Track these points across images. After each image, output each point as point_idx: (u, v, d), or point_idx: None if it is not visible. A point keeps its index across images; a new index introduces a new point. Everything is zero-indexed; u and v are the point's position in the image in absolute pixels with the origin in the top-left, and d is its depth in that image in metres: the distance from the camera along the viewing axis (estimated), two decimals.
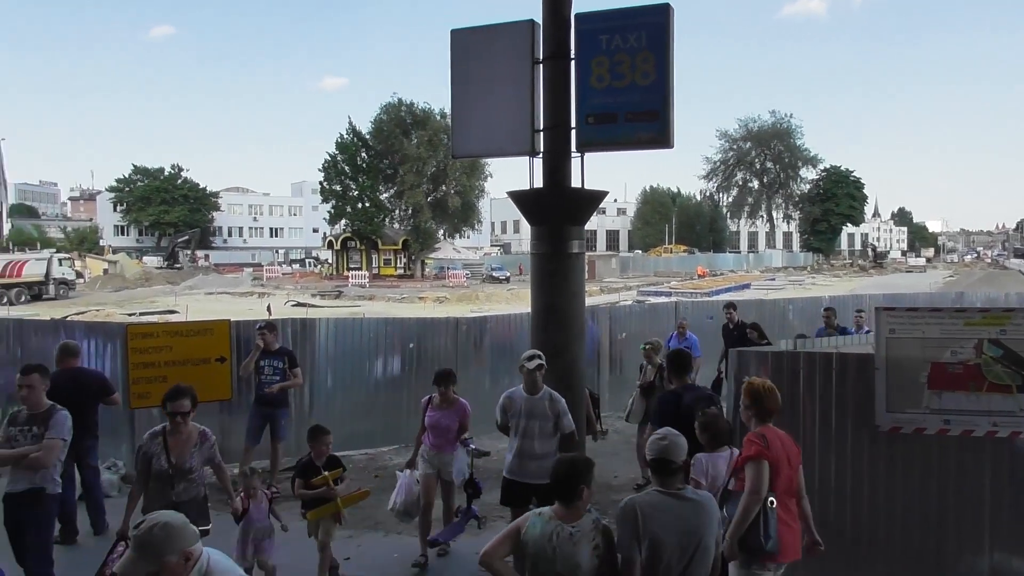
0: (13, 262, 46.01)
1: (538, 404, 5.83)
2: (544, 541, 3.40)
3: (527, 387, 5.86)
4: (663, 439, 3.62)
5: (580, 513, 3.47)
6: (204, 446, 5.39)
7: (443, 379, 6.62)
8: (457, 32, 6.09)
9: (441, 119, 62.03)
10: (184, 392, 5.20)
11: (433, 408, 6.66)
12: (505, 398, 6.01)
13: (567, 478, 3.50)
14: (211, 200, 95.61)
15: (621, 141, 5.72)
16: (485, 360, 11.37)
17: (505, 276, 62.46)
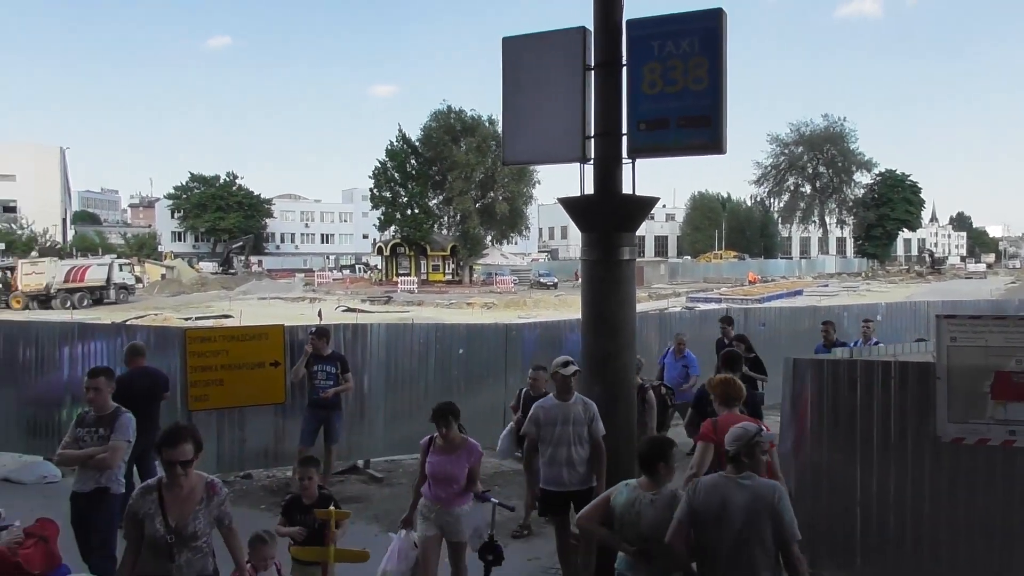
0: (77, 267, 47.58)
1: (572, 410, 5.70)
2: (628, 506, 4.16)
3: (560, 393, 5.75)
4: (746, 432, 3.98)
5: (660, 484, 4.17)
6: (212, 502, 4.16)
7: (442, 416, 5.42)
8: (509, 40, 6.12)
9: (490, 126, 62.43)
10: (184, 434, 4.07)
11: (435, 451, 5.50)
12: (538, 409, 5.81)
13: (649, 455, 4.23)
14: (264, 207, 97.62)
15: (673, 147, 5.68)
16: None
17: (553, 282, 62.39)
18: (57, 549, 4.83)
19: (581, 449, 5.68)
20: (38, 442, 9.91)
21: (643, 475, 4.24)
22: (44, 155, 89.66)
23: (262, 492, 9.11)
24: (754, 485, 3.84)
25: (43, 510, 5.33)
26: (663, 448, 4.28)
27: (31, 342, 10.23)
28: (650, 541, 4.03)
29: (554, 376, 5.81)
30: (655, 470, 4.17)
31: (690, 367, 10.86)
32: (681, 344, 11.04)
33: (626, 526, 4.15)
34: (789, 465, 6.10)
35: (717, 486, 3.90)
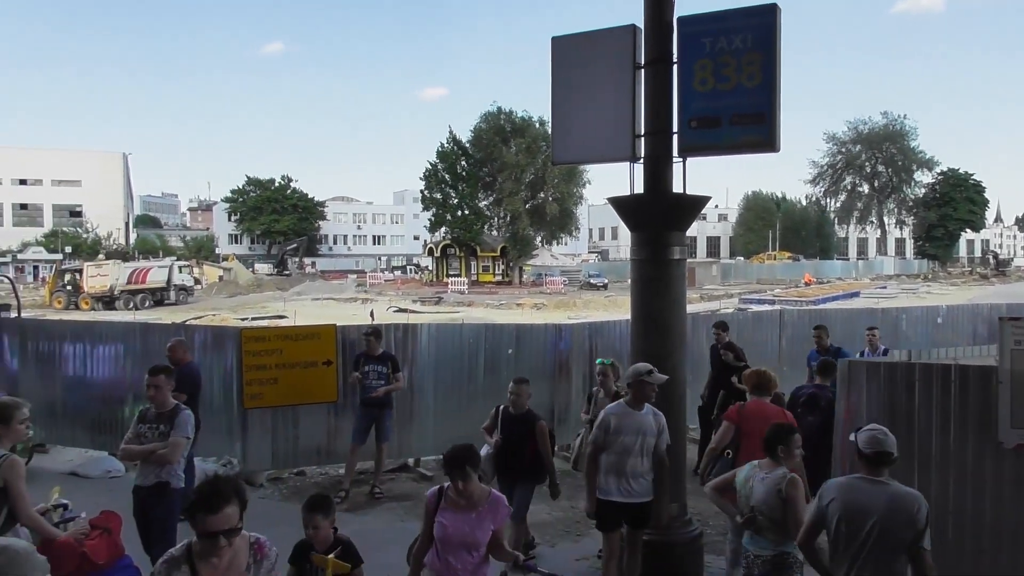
0: (138, 269, 49.03)
1: (645, 419, 5.46)
2: (744, 482, 4.72)
3: (637, 402, 5.45)
4: (883, 434, 3.99)
5: (776, 466, 4.60)
6: (261, 569, 3.37)
7: (457, 466, 4.15)
8: (558, 39, 6.11)
9: (540, 126, 62.46)
10: (226, 494, 3.18)
11: (448, 508, 4.24)
12: (610, 416, 5.48)
13: (773, 438, 4.68)
14: (318, 209, 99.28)
15: (725, 145, 5.60)
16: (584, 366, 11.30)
17: (603, 283, 62.08)
18: (120, 540, 4.98)
19: (646, 461, 5.47)
20: (103, 438, 10.24)
21: (767, 456, 4.69)
22: (108, 161, 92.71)
23: (315, 489, 9.25)
24: (893, 490, 3.87)
25: (107, 503, 5.48)
26: (786, 434, 4.72)
27: (96, 342, 10.58)
28: (755, 512, 4.57)
29: (639, 384, 5.42)
30: (775, 452, 4.62)
31: None
32: None
33: (741, 498, 4.72)
34: (843, 468, 5.98)
35: (853, 487, 3.96)
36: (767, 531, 4.53)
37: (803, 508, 4.35)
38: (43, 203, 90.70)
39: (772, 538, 4.52)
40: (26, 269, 75.64)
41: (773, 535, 4.51)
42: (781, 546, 4.50)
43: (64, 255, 71.78)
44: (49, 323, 13.39)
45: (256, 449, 9.53)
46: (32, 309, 36.87)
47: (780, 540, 4.50)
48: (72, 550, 4.55)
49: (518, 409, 6.49)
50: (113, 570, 4.78)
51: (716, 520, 7.99)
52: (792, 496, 4.43)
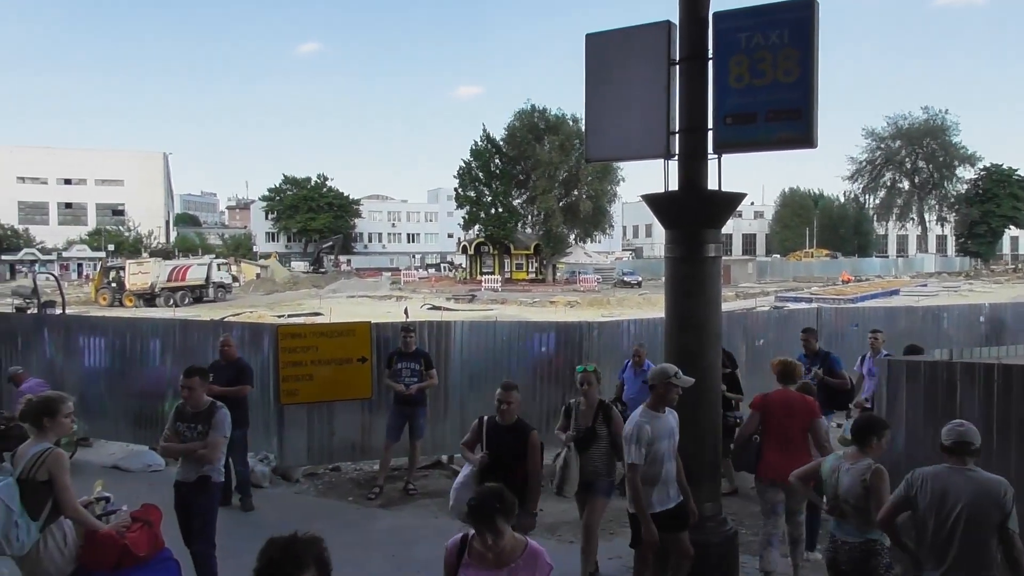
0: (178, 267, 49.95)
1: (669, 421, 5.31)
2: (830, 472, 4.78)
3: (661, 404, 5.27)
4: (961, 426, 4.17)
5: (862, 456, 4.64)
6: None
7: (485, 517, 3.49)
8: (592, 36, 6.09)
9: (573, 124, 62.24)
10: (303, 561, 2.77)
11: (472, 562, 3.66)
12: (644, 425, 5.19)
13: (866, 428, 4.72)
14: (353, 207, 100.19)
15: (761, 142, 5.53)
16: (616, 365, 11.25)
17: (637, 280, 61.78)
18: (160, 533, 5.08)
19: (674, 463, 5.37)
20: (143, 432, 10.45)
21: (855, 446, 4.72)
22: (149, 161, 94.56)
23: (350, 484, 9.36)
24: (980, 478, 4.04)
25: (148, 496, 5.60)
26: (880, 427, 4.75)
27: (137, 338, 10.81)
28: (841, 501, 4.65)
29: (666, 386, 5.21)
30: (867, 443, 4.65)
31: None
32: (640, 355, 9.42)
33: (827, 487, 4.80)
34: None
35: (939, 476, 4.11)
36: (853, 519, 4.63)
37: (887, 498, 4.41)
38: (87, 202, 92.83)
39: (859, 525, 4.61)
40: (70, 267, 77.46)
41: (859, 522, 4.61)
42: (868, 533, 4.59)
43: (107, 253, 73.34)
44: (92, 319, 13.66)
45: (292, 445, 9.65)
46: (77, 306, 37.71)
47: (866, 527, 4.58)
48: (114, 542, 4.65)
49: (507, 420, 5.58)
50: (154, 562, 4.87)
51: (752, 521, 7.92)
52: (876, 486, 4.50)
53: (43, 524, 4.48)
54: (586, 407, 6.17)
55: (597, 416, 6.11)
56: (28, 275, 50.53)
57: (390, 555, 6.90)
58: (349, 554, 7.02)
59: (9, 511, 4.35)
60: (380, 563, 6.85)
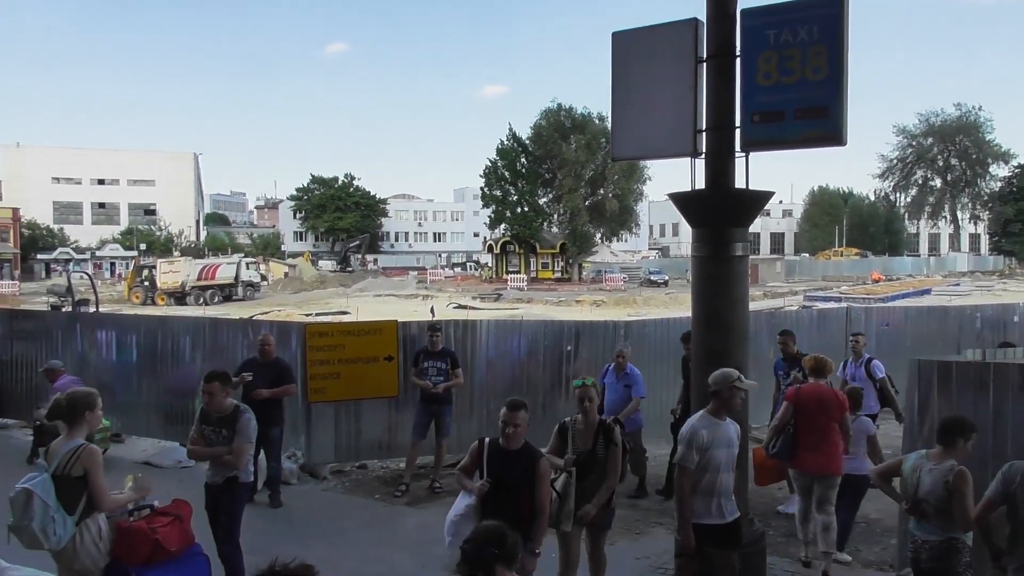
0: (208, 266, 50.61)
1: (729, 430, 5.09)
2: (912, 471, 4.74)
3: (724, 411, 5.06)
4: None
5: (945, 458, 4.58)
6: None
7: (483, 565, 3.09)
8: (618, 34, 6.07)
9: (599, 123, 62.07)
10: None
11: None
12: (701, 431, 4.99)
13: (953, 427, 4.65)
14: (380, 207, 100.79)
15: (789, 139, 5.48)
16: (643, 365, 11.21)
17: (663, 280, 61.45)
18: (191, 528, 5.15)
19: (733, 475, 5.12)
20: (174, 429, 10.59)
21: (940, 446, 4.67)
22: (180, 161, 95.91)
23: (376, 482, 9.42)
24: None
25: (178, 492, 5.66)
26: (967, 429, 4.65)
27: (168, 336, 10.96)
28: (921, 502, 4.63)
29: (730, 391, 5.02)
30: (953, 444, 4.60)
31: (633, 387, 8.84)
32: (622, 359, 9.05)
33: (907, 486, 4.76)
34: None
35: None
36: (934, 519, 4.61)
37: (970, 501, 4.43)
38: (120, 202, 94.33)
39: (939, 524, 4.59)
40: (104, 266, 78.79)
41: (940, 522, 4.59)
42: (948, 531, 4.57)
43: (139, 252, 74.48)
44: (124, 317, 13.91)
45: (319, 442, 9.74)
46: (111, 304, 38.34)
47: (947, 526, 4.57)
48: (146, 537, 4.73)
49: (513, 444, 4.83)
50: (184, 557, 4.94)
51: (777, 521, 7.86)
52: (959, 488, 4.46)
53: (78, 519, 4.57)
54: (584, 426, 5.47)
55: (598, 437, 5.44)
56: (63, 274, 51.46)
57: (416, 553, 6.93)
58: (375, 552, 7.08)
59: (46, 506, 4.44)
60: (406, 560, 6.88)
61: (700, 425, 5.04)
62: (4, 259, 72.78)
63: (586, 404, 5.48)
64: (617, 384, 8.88)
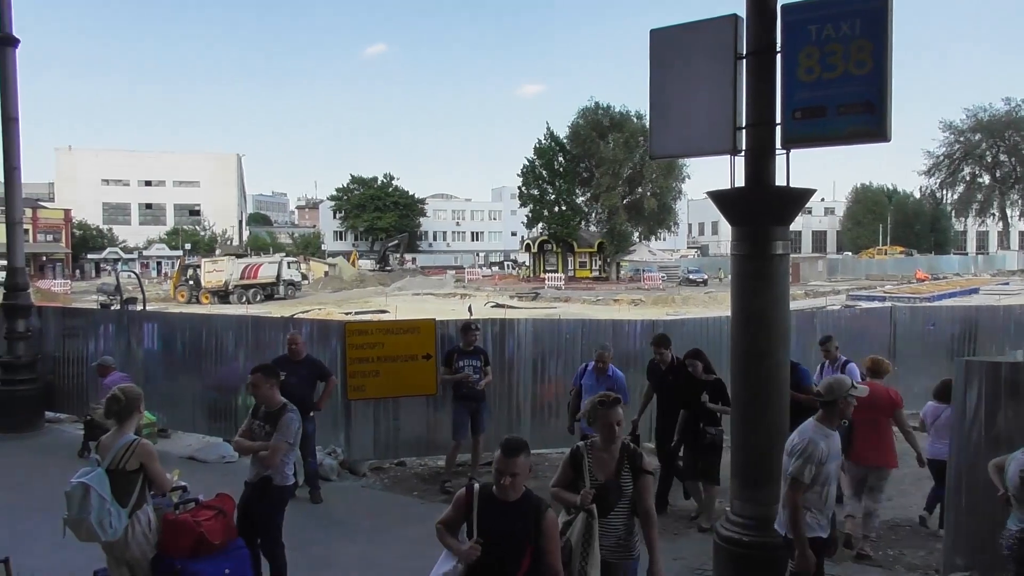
0: (250, 265, 51.44)
1: (837, 442, 4.85)
2: (1011, 461, 4.70)
3: (833, 420, 4.82)
4: None
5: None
6: None
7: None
8: (656, 32, 6.02)
9: (637, 121, 61.77)
10: None
11: None
12: (819, 442, 4.68)
13: None
14: (418, 206, 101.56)
15: (831, 136, 5.38)
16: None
17: (702, 279, 60.89)
18: (234, 523, 5.26)
19: (836, 487, 4.94)
20: (218, 424, 10.82)
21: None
22: (223, 162, 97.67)
23: (415, 480, 9.50)
24: None
25: (221, 486, 5.77)
26: None
27: (212, 334, 11.18)
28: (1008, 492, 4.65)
29: (846, 400, 4.76)
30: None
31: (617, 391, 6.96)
32: (604, 359, 8.41)
33: (1007, 478, 4.72)
34: (962, 481, 5.68)
35: None
36: (1016, 509, 4.66)
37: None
38: (166, 203, 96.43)
39: (1019, 515, 4.61)
40: (150, 265, 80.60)
41: (1020, 512, 4.61)
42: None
43: (184, 252, 76.00)
44: (170, 315, 14.21)
45: (359, 439, 9.85)
46: (157, 302, 39.19)
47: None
48: (191, 529, 4.85)
49: (511, 494, 3.88)
50: (227, 550, 5.05)
51: None
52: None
53: (131, 511, 4.71)
54: (605, 452, 4.51)
55: (622, 464, 4.48)
56: (112, 273, 52.78)
57: None
58: (414, 548, 7.13)
59: (102, 500, 4.59)
60: None
61: (816, 437, 4.71)
62: (56, 259, 74.92)
63: (616, 429, 4.48)
64: (597, 387, 7.97)
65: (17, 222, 12.36)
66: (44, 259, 72.71)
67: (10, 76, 11.89)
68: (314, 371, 8.65)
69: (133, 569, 4.79)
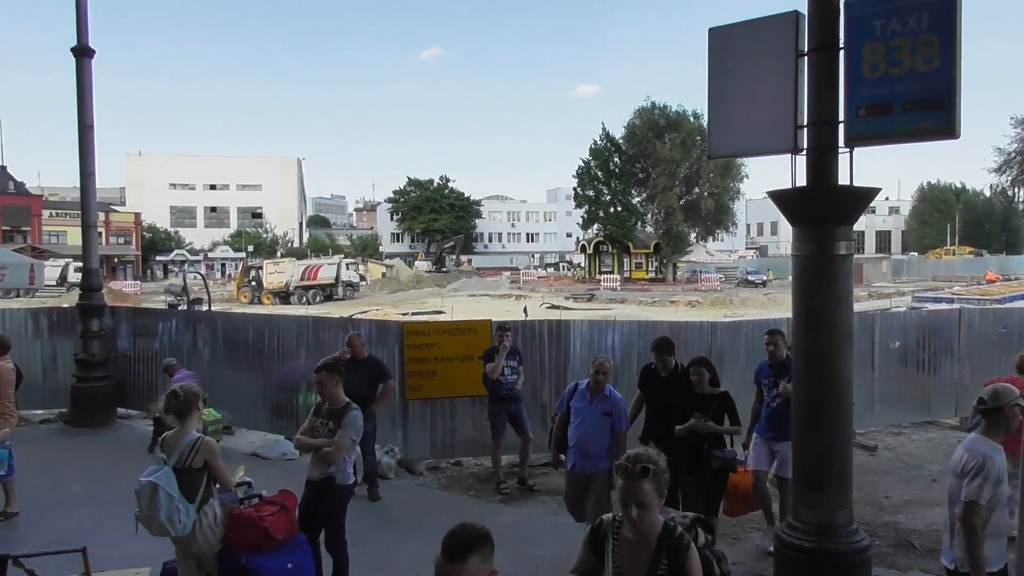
0: (311, 267, 52.46)
1: (1002, 457, 4.23)
2: None
3: (1000, 433, 4.27)
4: None
5: None
6: None
7: None
8: (715, 30, 5.96)
9: (695, 120, 61.08)
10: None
11: None
12: (993, 460, 4.12)
13: None
14: (474, 208, 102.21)
15: (897, 133, 5.24)
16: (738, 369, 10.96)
17: (761, 280, 59.82)
18: (296, 518, 5.38)
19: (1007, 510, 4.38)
20: (280, 422, 11.06)
21: None
22: (284, 166, 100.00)
23: (471, 479, 9.56)
24: None
25: (283, 483, 5.90)
26: None
27: (274, 333, 11.44)
28: None
29: (1011, 410, 4.24)
30: None
31: (616, 417, 6.65)
32: (602, 375, 6.69)
33: None
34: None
35: None
36: None
37: None
38: (230, 206, 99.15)
39: None
40: (215, 266, 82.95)
41: None
42: None
43: (247, 254, 77.96)
44: (234, 315, 14.58)
45: (416, 439, 9.97)
46: (221, 303, 40.26)
47: None
48: (255, 524, 4.98)
49: None
50: (289, 545, 5.16)
51: (884, 531, 7.55)
52: None
53: (198, 506, 4.87)
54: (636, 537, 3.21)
55: (659, 555, 3.17)
56: (179, 274, 54.40)
57: (511, 550, 7.00)
58: None
59: (170, 497, 4.75)
60: (501, 557, 6.89)
61: (991, 452, 4.15)
62: (127, 260, 77.69)
63: (634, 514, 3.10)
64: (591, 410, 6.65)
65: (92, 225, 12.87)
66: (116, 261, 75.43)
67: (86, 86, 12.39)
68: (375, 371, 8.77)
69: (200, 562, 4.95)
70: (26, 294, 42.95)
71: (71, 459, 10.39)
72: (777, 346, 7.42)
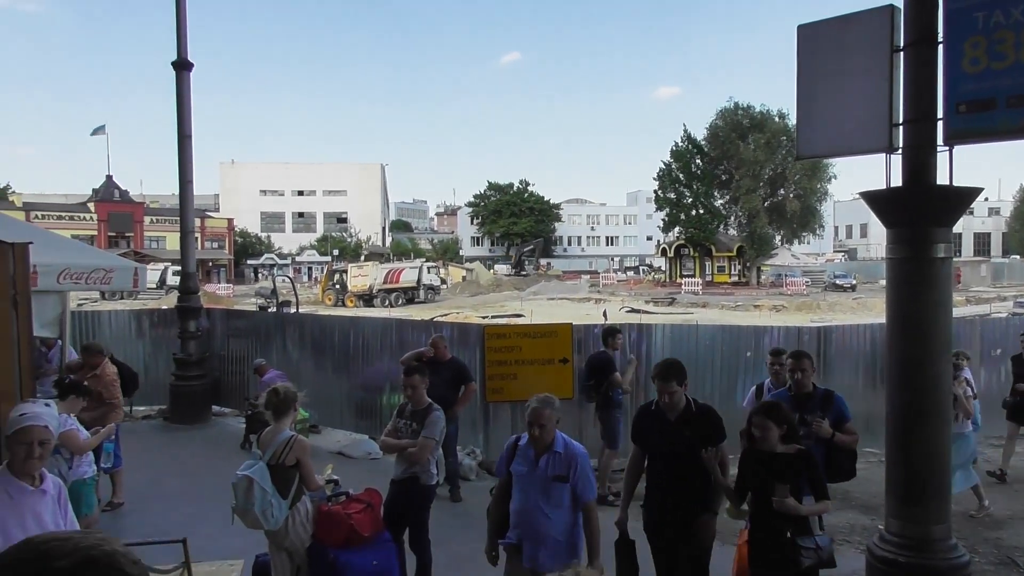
0: (393, 270, 53.47)
1: None
2: None
3: None
4: None
5: None
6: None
7: None
8: (804, 27, 5.80)
9: (779, 120, 59.52)
10: None
11: None
12: None
13: None
14: (553, 212, 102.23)
15: (1001, 130, 4.99)
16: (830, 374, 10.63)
17: (850, 284, 57.74)
18: (381, 516, 5.50)
19: None
20: (364, 422, 11.32)
21: None
22: (368, 172, 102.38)
23: None
24: None
25: (368, 482, 6.03)
26: None
27: (359, 335, 11.72)
28: None
29: None
30: None
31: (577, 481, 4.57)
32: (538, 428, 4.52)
33: None
34: None
35: None
36: None
37: None
38: (316, 211, 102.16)
39: None
40: (302, 270, 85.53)
41: None
42: None
43: (332, 257, 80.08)
44: (321, 318, 15.00)
45: (497, 441, 10.00)
46: (307, 305, 41.45)
47: None
48: (343, 521, 5.11)
49: None
50: (375, 543, 5.28)
51: (985, 548, 7.18)
52: None
53: (291, 502, 5.04)
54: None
55: None
56: (268, 278, 56.27)
57: None
58: None
59: (264, 492, 4.93)
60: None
61: None
62: (220, 264, 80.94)
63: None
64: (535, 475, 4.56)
65: (190, 231, 13.47)
66: (210, 264, 78.67)
67: (185, 97, 13.00)
68: (457, 374, 8.85)
69: (291, 555, 5.12)
70: (129, 296, 45.21)
71: (169, 454, 10.89)
72: (804, 372, 6.03)
